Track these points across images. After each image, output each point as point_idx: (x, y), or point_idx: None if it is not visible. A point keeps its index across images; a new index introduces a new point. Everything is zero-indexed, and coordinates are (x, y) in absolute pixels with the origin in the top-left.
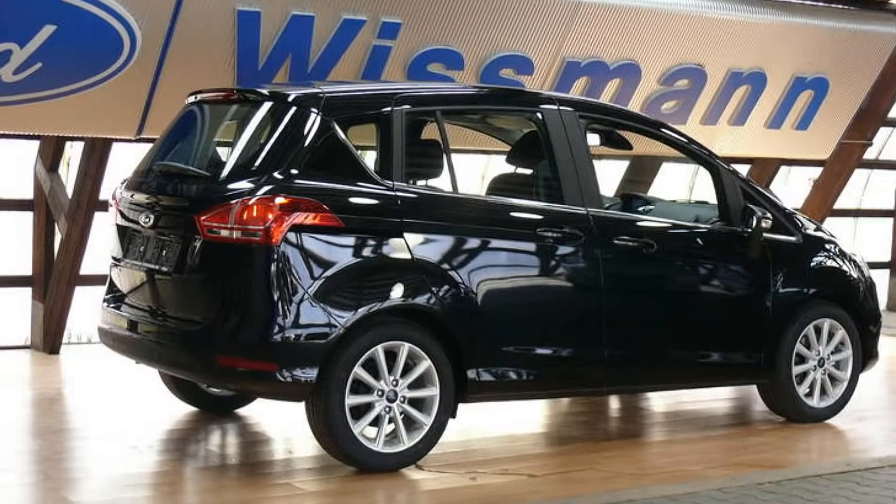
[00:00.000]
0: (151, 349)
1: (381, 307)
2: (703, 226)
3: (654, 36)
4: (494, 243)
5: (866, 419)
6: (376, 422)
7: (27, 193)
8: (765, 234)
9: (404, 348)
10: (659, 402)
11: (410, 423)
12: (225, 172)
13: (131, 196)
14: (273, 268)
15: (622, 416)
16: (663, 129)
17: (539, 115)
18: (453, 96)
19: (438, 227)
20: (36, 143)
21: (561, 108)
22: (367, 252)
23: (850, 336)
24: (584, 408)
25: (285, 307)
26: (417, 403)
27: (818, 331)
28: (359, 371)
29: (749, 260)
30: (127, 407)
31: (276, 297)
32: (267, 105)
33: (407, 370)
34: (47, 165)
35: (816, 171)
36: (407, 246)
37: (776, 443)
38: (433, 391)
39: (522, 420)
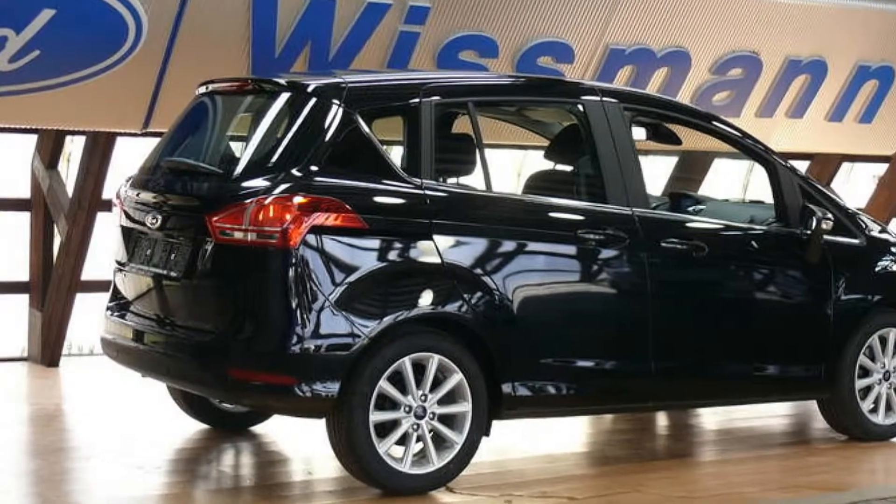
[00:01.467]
0: (159, 361)
1: (408, 316)
2: (758, 227)
3: (705, 21)
4: (531, 246)
5: None
6: (403, 440)
7: (24, 192)
8: (825, 237)
9: (433, 360)
10: (710, 418)
11: (440, 441)
12: (239, 169)
13: (137, 195)
14: (291, 273)
15: (670, 434)
16: (715, 123)
17: (580, 106)
18: (487, 87)
19: (471, 228)
20: (34, 138)
21: (604, 99)
22: (393, 256)
23: None
24: (628, 425)
25: (304, 316)
26: (448, 420)
27: (883, 341)
28: (384, 385)
29: (808, 264)
30: (132, 424)
31: (294, 305)
32: (284, 96)
33: (436, 384)
34: (46, 162)
35: (881, 168)
36: (436, 249)
37: (837, 463)
38: (465, 407)
39: (562, 438)
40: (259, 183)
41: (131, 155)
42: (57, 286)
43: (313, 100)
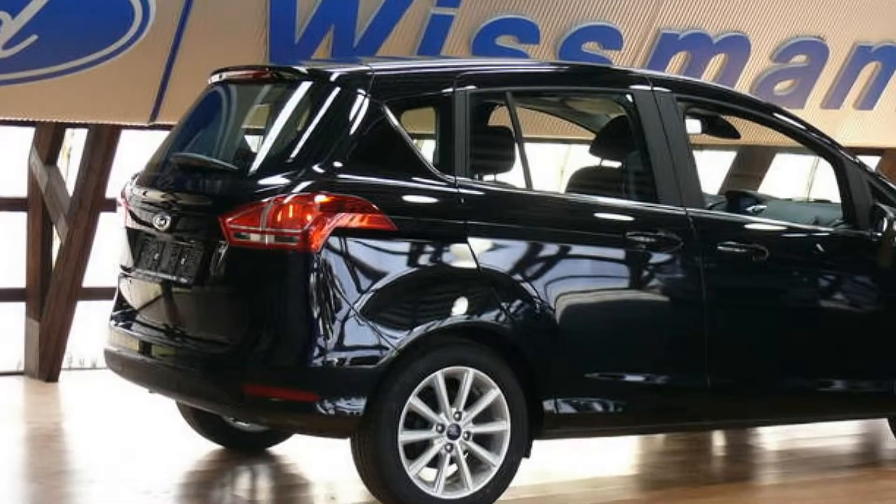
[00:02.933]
0: (168, 375)
1: (440, 326)
2: (823, 229)
3: (766, 3)
4: (576, 250)
5: None
6: (435, 462)
7: (20, 191)
8: None
9: (468, 375)
10: (771, 438)
11: (476, 463)
12: (255, 166)
13: (144, 194)
14: (312, 279)
15: (727, 456)
16: (777, 114)
17: (629, 97)
18: (527, 75)
19: (509, 230)
20: (31, 131)
21: (655, 88)
22: (424, 260)
23: None
24: (682, 446)
25: (327, 326)
26: (484, 440)
27: None
28: (414, 402)
29: (879, 269)
30: (138, 444)
31: (316, 314)
32: (305, 85)
33: (472, 401)
34: (44, 157)
35: None
36: (472, 253)
37: None
38: (503, 426)
39: (609, 460)
40: (277, 180)
41: (137, 150)
42: (56, 294)
43: (337, 89)
